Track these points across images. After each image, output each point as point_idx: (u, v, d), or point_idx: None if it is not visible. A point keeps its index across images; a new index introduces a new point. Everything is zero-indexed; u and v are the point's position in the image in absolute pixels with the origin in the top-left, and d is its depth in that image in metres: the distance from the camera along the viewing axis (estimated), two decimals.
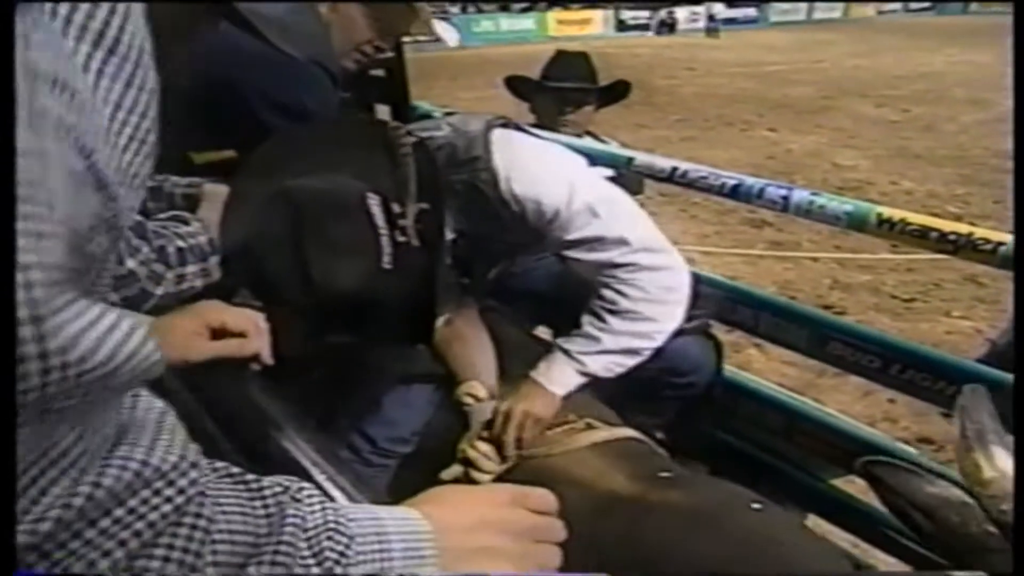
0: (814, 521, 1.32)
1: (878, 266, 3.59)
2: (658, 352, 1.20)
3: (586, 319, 1.06)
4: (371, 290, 0.85)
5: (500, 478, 1.02)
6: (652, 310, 1.03)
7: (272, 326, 0.78)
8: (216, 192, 0.90)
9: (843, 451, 1.22)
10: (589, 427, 1.08)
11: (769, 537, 0.78)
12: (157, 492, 0.32)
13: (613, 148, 1.48)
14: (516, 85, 1.93)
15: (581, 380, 1.06)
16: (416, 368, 1.16)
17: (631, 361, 1.06)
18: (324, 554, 0.38)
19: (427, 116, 1.75)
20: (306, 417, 1.03)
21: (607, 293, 1.04)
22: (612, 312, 1.04)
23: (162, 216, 0.86)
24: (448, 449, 1.09)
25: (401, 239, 0.85)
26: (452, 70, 6.58)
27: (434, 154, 1.01)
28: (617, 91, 1.95)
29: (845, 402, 2.30)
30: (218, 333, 0.73)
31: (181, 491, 0.33)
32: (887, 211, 1.05)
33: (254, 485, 0.38)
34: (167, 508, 0.32)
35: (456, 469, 1.05)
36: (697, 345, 1.33)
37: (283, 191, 0.84)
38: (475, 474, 1.03)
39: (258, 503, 0.38)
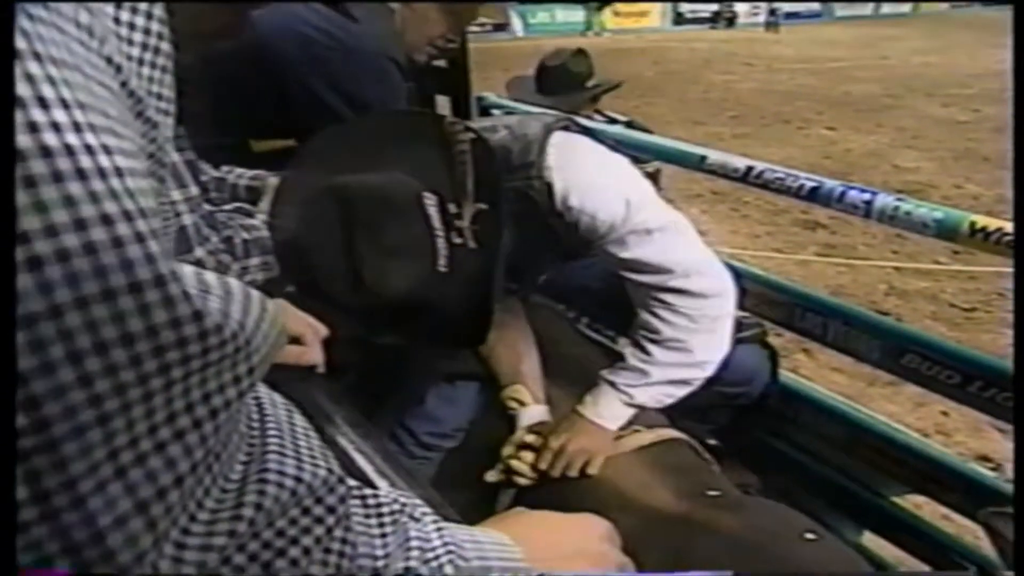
0: (869, 538, 1.27)
1: (937, 273, 3.38)
2: None
3: (629, 351, 1.01)
4: (425, 293, 0.81)
5: (539, 486, 1.00)
6: (697, 340, 0.96)
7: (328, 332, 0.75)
8: None
9: (909, 468, 1.16)
10: (636, 432, 1.04)
11: (822, 571, 0.73)
12: (307, 511, 0.29)
13: (687, 147, 1.40)
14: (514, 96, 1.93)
15: (631, 412, 1.01)
16: (461, 367, 1.13)
17: (682, 391, 1.00)
18: None
19: (493, 108, 1.72)
20: (351, 407, 1.03)
21: (651, 320, 0.98)
22: (656, 342, 0.98)
23: (226, 208, 0.85)
24: (492, 448, 1.07)
25: (457, 241, 0.82)
26: (506, 61, 6.50)
27: (494, 152, 0.96)
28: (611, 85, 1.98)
29: (897, 413, 2.17)
30: None
31: (331, 510, 0.30)
32: (981, 219, 0.95)
33: (371, 501, 0.37)
34: (320, 531, 0.29)
35: (498, 473, 1.02)
36: (751, 354, 1.27)
37: (335, 187, 0.82)
38: (516, 479, 1.00)
39: (374, 521, 0.36)
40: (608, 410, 1.00)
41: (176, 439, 0.22)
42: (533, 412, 1.08)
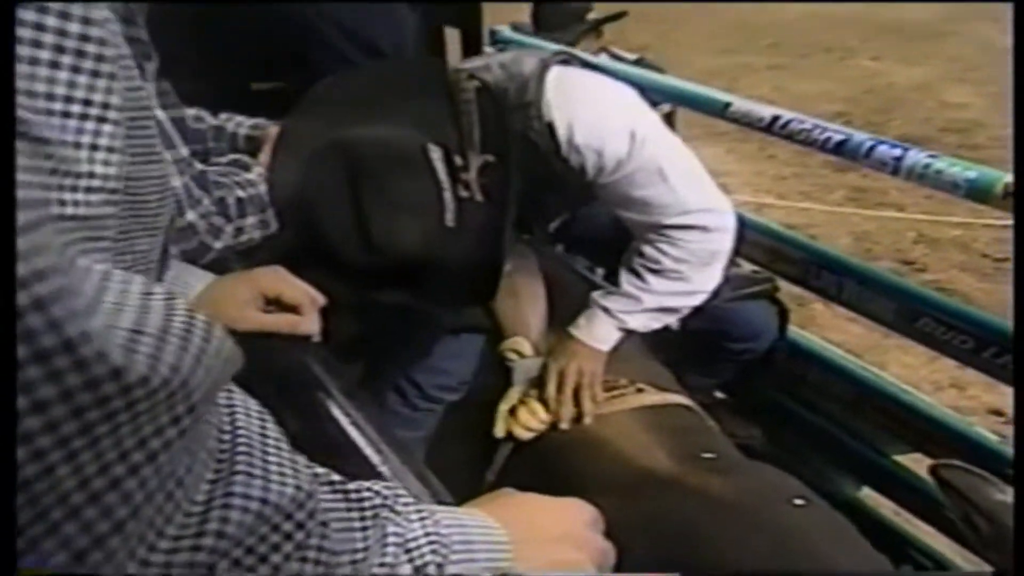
0: (868, 493, 1.30)
1: (971, 220, 3.25)
2: (717, 315, 1.17)
3: (626, 277, 1.00)
4: (432, 250, 0.80)
5: (537, 440, 1.01)
6: (694, 272, 0.97)
7: (328, 299, 0.74)
8: None
9: (913, 429, 1.16)
10: (639, 391, 1.04)
11: (805, 537, 0.73)
12: (276, 528, 0.29)
13: (710, 91, 1.32)
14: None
15: (621, 335, 1.03)
16: (467, 319, 1.14)
17: (669, 318, 1.02)
18: (426, 570, 0.37)
19: (509, 44, 1.64)
20: (350, 370, 1.03)
21: (650, 251, 0.97)
22: (654, 272, 0.98)
23: (223, 160, 0.84)
24: (495, 401, 1.08)
25: (464, 194, 0.81)
26: None
27: (500, 102, 0.91)
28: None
29: (912, 365, 2.14)
30: (272, 302, 0.69)
31: (301, 525, 0.30)
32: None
33: (353, 496, 0.36)
34: (288, 548, 0.29)
35: (503, 426, 1.03)
36: (760, 311, 1.27)
37: (338, 142, 0.80)
38: (519, 431, 1.01)
39: (355, 514, 0.36)
40: (601, 332, 1.01)
41: (112, 488, 0.22)
42: (531, 365, 1.08)
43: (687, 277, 0.97)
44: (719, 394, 1.43)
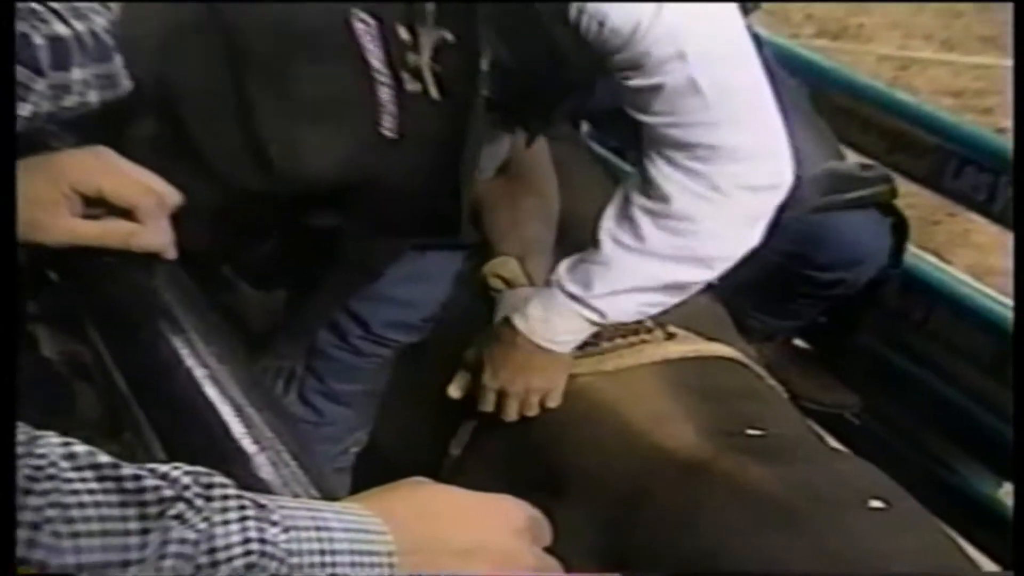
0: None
1: None
2: (799, 231, 1.13)
3: (609, 231, 0.93)
4: (363, 170, 0.78)
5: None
6: (715, 225, 0.89)
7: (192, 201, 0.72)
8: None
9: None
10: (669, 337, 1.02)
11: (878, 552, 0.73)
12: None
13: None
14: None
15: (592, 329, 0.97)
16: None
17: (670, 299, 0.95)
18: None
19: None
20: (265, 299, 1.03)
21: (659, 181, 0.89)
22: (655, 216, 0.90)
23: None
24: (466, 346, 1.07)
25: (412, 88, 0.77)
26: None
27: None
28: None
29: None
30: (95, 202, 0.65)
31: None
32: None
33: (130, 485, 0.37)
34: None
35: (464, 380, 1.03)
36: (864, 226, 1.23)
37: (215, 13, 0.75)
38: (480, 400, 1.01)
39: (132, 511, 0.36)
40: (562, 326, 0.95)
41: None
42: (522, 298, 1.05)
43: (706, 234, 0.90)
44: (798, 342, 1.42)
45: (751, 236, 0.92)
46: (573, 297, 0.94)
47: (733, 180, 0.88)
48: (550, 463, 0.95)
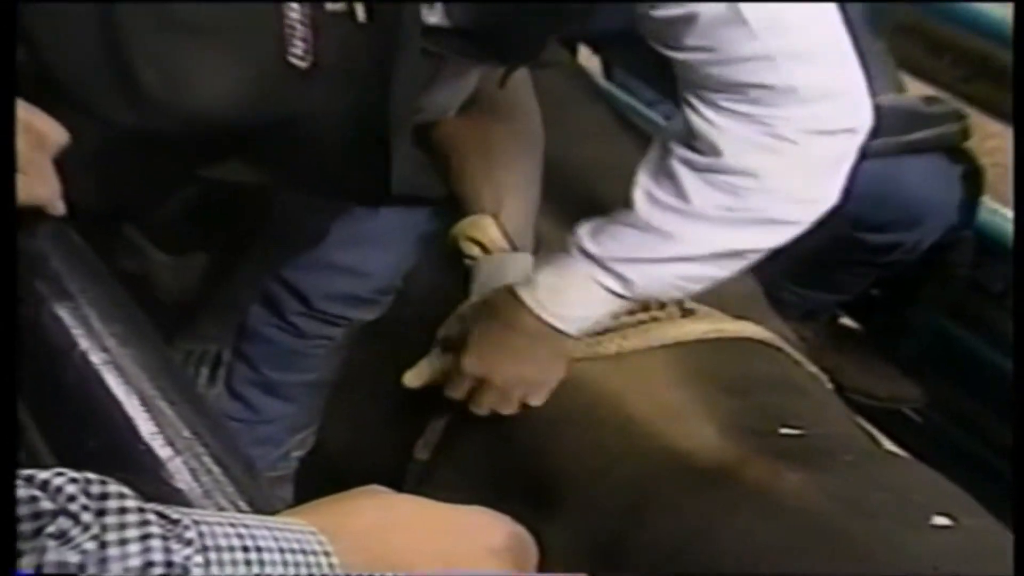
0: None
1: None
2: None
3: (646, 186, 0.93)
4: (267, 109, 0.79)
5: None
6: (781, 183, 0.90)
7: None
8: None
9: None
10: (686, 314, 1.04)
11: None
12: None
13: None
14: None
15: (614, 307, 0.97)
16: (396, 182, 1.06)
17: (723, 272, 0.95)
18: None
19: None
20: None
21: (703, 128, 0.89)
22: (700, 171, 0.90)
23: None
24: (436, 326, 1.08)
25: (333, 6, 0.77)
26: None
27: None
28: None
29: None
30: None
31: None
32: None
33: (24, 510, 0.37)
34: None
35: (428, 367, 1.03)
36: (928, 174, 1.24)
37: None
38: (447, 391, 1.02)
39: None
40: (575, 298, 0.95)
41: None
42: (500, 266, 1.09)
43: (771, 191, 0.90)
44: (846, 321, 1.43)
45: (829, 190, 0.93)
46: (594, 259, 0.94)
47: (799, 125, 0.88)
48: (538, 469, 0.96)
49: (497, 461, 0.99)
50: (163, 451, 0.58)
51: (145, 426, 0.59)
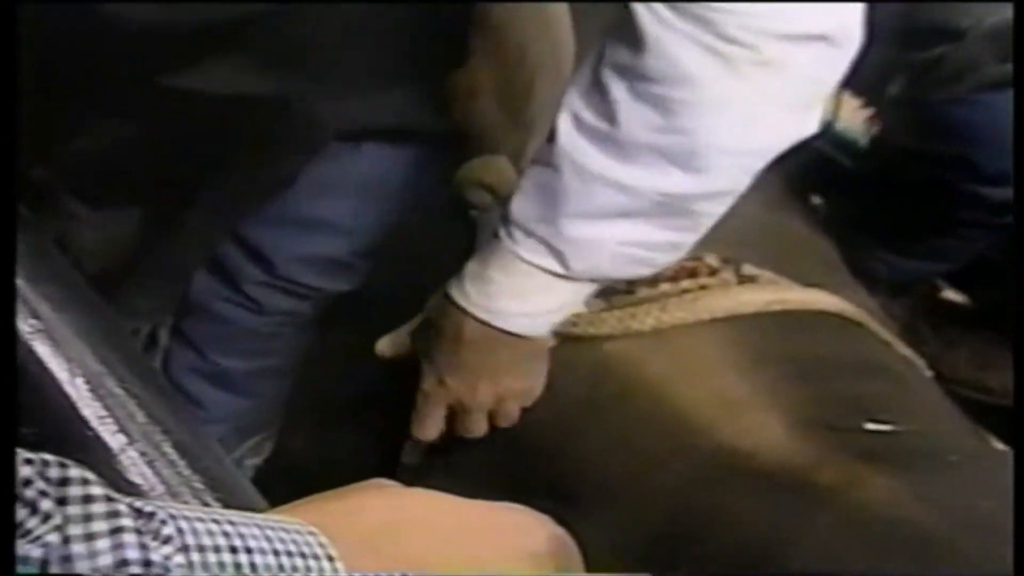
0: None
1: None
2: (947, 126, 1.18)
3: (572, 105, 0.90)
4: None
5: None
6: (739, 89, 0.86)
7: None
8: None
9: None
10: (743, 281, 1.05)
11: None
12: None
13: None
14: None
15: (569, 295, 0.96)
16: (381, 111, 1.11)
17: (676, 236, 0.93)
18: None
19: None
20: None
21: (644, 31, 0.86)
22: (638, 78, 0.87)
23: None
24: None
25: None
26: None
27: None
28: None
29: None
30: None
31: None
32: None
33: None
34: None
35: (409, 337, 1.04)
36: None
37: None
38: None
39: None
40: (503, 281, 0.94)
41: None
42: None
43: (700, 108, 0.87)
44: (949, 294, 1.44)
45: (786, 122, 0.91)
46: (513, 226, 0.92)
47: (755, 24, 0.85)
48: (554, 474, 0.97)
49: (503, 465, 1.00)
50: (114, 440, 0.59)
51: (90, 409, 0.59)
